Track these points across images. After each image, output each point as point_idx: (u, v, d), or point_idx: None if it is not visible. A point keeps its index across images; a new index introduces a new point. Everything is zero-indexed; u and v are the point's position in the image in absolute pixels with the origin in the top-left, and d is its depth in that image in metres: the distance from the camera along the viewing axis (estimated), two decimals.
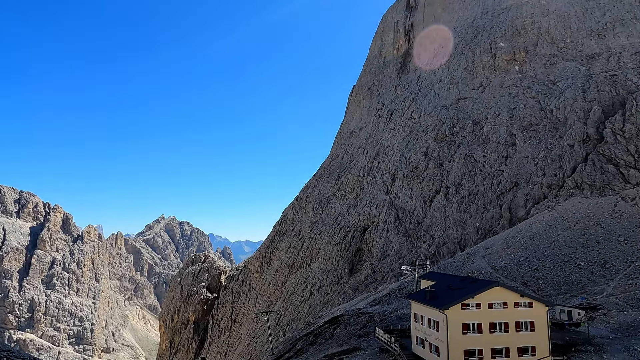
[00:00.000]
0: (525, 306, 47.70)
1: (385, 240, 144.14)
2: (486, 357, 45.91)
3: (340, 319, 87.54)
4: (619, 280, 75.73)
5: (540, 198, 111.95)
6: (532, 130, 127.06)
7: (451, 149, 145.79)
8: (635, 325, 60.15)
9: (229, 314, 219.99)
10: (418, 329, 51.71)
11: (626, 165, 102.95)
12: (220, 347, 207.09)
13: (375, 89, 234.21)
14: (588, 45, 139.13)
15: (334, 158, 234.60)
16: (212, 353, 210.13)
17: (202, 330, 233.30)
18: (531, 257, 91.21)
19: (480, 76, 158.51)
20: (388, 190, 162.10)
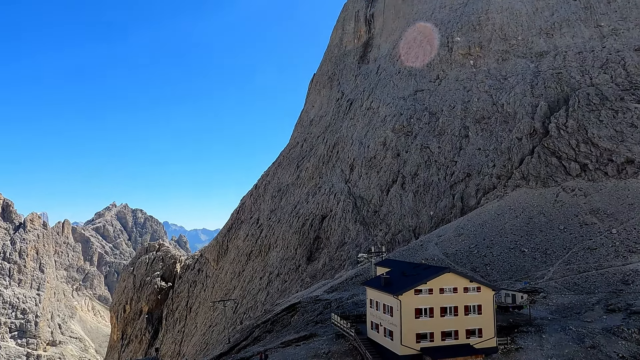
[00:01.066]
0: (473, 291, 50.09)
1: (343, 229, 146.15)
2: (437, 339, 47.95)
3: (298, 306, 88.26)
4: (558, 265, 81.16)
5: (490, 188, 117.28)
6: (484, 123, 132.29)
7: (408, 139, 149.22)
8: (571, 306, 64.89)
9: (184, 303, 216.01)
10: (373, 315, 53.08)
11: (568, 158, 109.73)
12: (175, 336, 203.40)
13: (335, 78, 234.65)
14: (537, 43, 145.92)
15: (293, 146, 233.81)
16: (167, 343, 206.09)
17: (156, 320, 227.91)
18: (480, 244, 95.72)
19: (437, 69, 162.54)
20: (347, 179, 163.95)
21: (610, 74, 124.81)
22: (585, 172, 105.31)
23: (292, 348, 56.75)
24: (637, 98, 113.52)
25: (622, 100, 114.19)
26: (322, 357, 52.10)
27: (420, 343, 47.42)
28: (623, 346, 49.65)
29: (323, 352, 53.25)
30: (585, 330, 53.64)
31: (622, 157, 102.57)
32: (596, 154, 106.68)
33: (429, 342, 47.60)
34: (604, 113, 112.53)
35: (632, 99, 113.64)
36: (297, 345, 57.57)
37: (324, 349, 54.03)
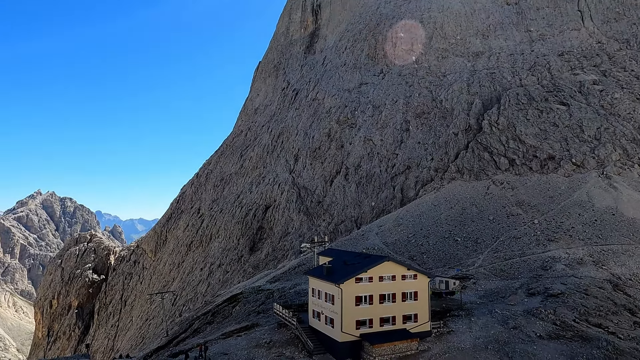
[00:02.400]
0: (411, 278, 52.37)
1: (286, 219, 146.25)
2: (375, 325, 49.70)
3: (240, 296, 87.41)
4: (487, 253, 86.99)
5: (428, 180, 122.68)
6: (424, 117, 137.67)
7: (352, 131, 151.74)
8: (497, 291, 69.96)
9: (118, 296, 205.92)
10: (315, 303, 53.86)
11: (498, 154, 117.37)
12: (109, 331, 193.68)
13: (281, 67, 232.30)
14: (474, 44, 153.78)
15: (237, 135, 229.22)
16: (99, 339, 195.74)
17: (87, 315, 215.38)
18: (418, 234, 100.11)
19: (381, 63, 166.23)
20: (291, 169, 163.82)
21: (537, 76, 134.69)
22: (513, 167, 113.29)
23: (234, 339, 56.21)
24: (559, 99, 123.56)
25: (547, 101, 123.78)
26: (264, 346, 52.12)
27: (360, 329, 48.89)
28: (540, 326, 54.42)
29: (265, 341, 53.28)
30: (509, 312, 58.12)
31: (545, 153, 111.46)
32: (523, 150, 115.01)
33: (368, 328, 49.22)
34: (531, 112, 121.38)
35: (555, 100, 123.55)
36: (238, 336, 57.08)
37: (266, 338, 54.07)
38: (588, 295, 63.00)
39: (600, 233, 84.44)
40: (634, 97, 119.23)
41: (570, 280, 68.57)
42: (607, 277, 70.75)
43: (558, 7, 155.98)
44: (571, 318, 56.73)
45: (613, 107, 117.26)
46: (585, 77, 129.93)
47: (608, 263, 75.64)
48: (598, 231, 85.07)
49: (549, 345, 50.22)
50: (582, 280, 68.19)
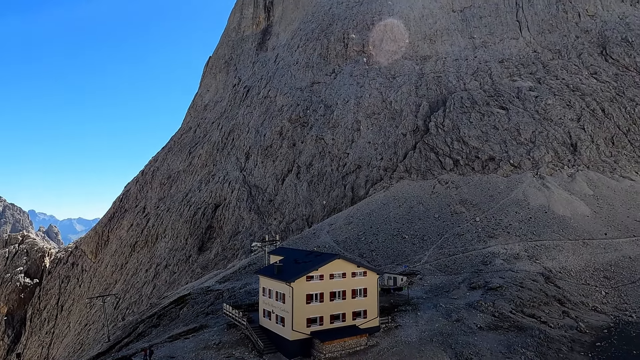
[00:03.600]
0: (360, 275, 53.35)
1: (237, 218, 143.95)
2: (326, 322, 50.16)
3: (188, 297, 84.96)
4: (432, 250, 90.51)
5: (377, 179, 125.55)
6: (374, 118, 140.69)
7: (304, 130, 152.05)
8: (442, 286, 73.03)
9: (54, 301, 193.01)
10: (266, 303, 53.47)
11: (443, 154, 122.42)
12: (43, 339, 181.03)
13: (232, 62, 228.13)
14: (422, 48, 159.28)
15: (185, 131, 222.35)
16: (32, 347, 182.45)
17: (18, 322, 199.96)
18: (368, 231, 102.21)
19: (333, 63, 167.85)
20: (242, 167, 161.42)
21: (480, 81, 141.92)
22: (457, 167, 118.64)
23: (181, 341, 54.53)
24: (499, 104, 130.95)
25: (488, 105, 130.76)
26: (213, 348, 51.00)
27: (310, 327, 49.13)
28: (481, 318, 57.48)
29: (214, 342, 52.15)
30: (452, 306, 60.87)
31: (486, 154, 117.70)
32: (466, 151, 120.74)
33: (318, 326, 49.57)
34: (474, 115, 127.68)
35: (496, 105, 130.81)
36: (185, 338, 55.46)
37: (215, 339, 52.95)
38: (523, 287, 67.31)
39: (534, 229, 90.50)
40: (565, 103, 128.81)
41: (508, 274, 72.92)
42: (540, 271, 75.98)
43: (499, 17, 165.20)
44: (508, 309, 60.39)
45: (546, 112, 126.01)
46: (523, 83, 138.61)
47: (541, 257, 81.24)
48: (532, 228, 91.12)
49: (488, 335, 53.14)
50: (518, 274, 72.74)
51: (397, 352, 48.95)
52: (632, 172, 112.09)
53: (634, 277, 76.14)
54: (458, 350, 49.18)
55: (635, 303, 69.27)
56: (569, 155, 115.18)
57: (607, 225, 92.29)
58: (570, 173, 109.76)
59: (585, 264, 79.56)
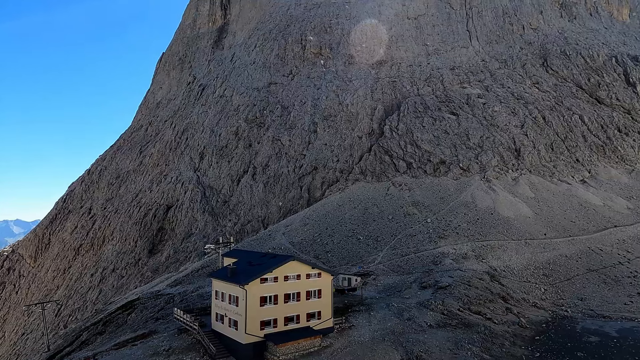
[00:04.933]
0: (315, 277, 53.56)
1: (190, 219, 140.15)
2: (280, 325, 49.92)
3: (136, 303, 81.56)
4: (386, 250, 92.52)
5: (333, 181, 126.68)
6: (331, 120, 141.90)
7: (260, 130, 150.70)
8: (394, 286, 74.78)
9: None
10: (218, 306, 52.41)
11: (397, 157, 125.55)
12: None
13: (187, 60, 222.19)
14: (378, 53, 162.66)
15: (136, 129, 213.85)
16: None
17: None
18: (323, 233, 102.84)
19: (290, 64, 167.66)
20: (196, 167, 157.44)
21: (432, 87, 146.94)
22: (410, 170, 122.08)
23: (128, 349, 52.26)
24: (450, 110, 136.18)
25: (440, 110, 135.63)
26: (162, 354, 49.29)
27: (264, 330, 48.71)
28: (431, 316, 59.41)
29: (163, 349, 50.42)
30: (404, 305, 62.49)
31: (437, 158, 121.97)
32: (419, 154, 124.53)
33: (272, 328, 49.24)
34: (426, 120, 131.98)
35: (447, 110, 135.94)
36: (133, 345, 53.21)
37: (165, 345, 51.21)
38: (470, 286, 70.30)
39: (481, 230, 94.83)
40: (510, 110, 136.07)
41: (456, 273, 75.87)
42: (486, 270, 79.69)
43: (450, 26, 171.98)
44: (456, 307, 62.83)
45: (493, 118, 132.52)
46: (472, 90, 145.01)
47: (487, 257, 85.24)
48: (479, 229, 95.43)
49: (438, 333, 55.02)
50: (466, 273, 75.89)
51: (350, 352, 49.55)
52: (568, 176, 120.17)
53: (569, 274, 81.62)
54: (409, 348, 50.53)
55: (571, 299, 74.29)
56: (513, 160, 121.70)
57: (546, 226, 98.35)
58: (514, 177, 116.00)
59: (526, 263, 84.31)
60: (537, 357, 51.68)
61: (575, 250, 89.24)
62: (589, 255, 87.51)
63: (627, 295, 75.42)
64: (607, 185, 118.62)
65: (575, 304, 72.51)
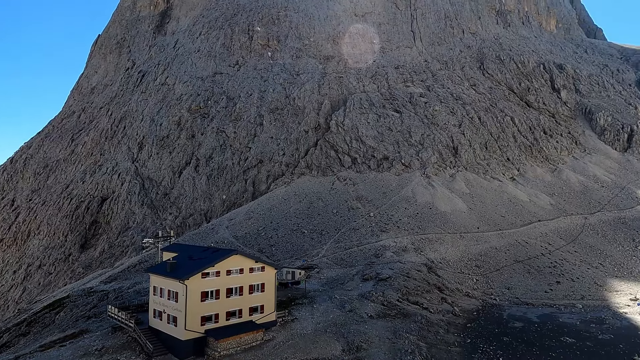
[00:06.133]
0: (258, 271, 53.15)
1: (127, 212, 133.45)
2: (222, 320, 49.05)
3: (66, 300, 76.54)
4: (330, 244, 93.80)
5: (279, 175, 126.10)
6: (277, 113, 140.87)
7: (204, 121, 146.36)
8: (337, 278, 76.11)
9: None
10: (157, 302, 50.50)
11: (342, 152, 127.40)
12: None
13: (125, 44, 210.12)
14: (325, 48, 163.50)
15: (68, 115, 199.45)
16: None
17: None
18: (268, 226, 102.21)
19: (237, 54, 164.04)
20: (134, 158, 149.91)
21: (377, 84, 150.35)
22: (355, 165, 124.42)
23: (55, 350, 48.90)
24: (394, 107, 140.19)
25: (384, 107, 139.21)
26: (94, 354, 46.65)
27: (205, 325, 47.65)
28: (372, 307, 61.18)
29: (95, 348, 47.74)
30: (346, 297, 63.82)
31: (381, 154, 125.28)
32: (363, 150, 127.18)
33: (214, 324, 48.29)
34: (371, 117, 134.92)
35: (391, 107, 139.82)
36: (61, 346, 49.88)
37: (97, 345, 48.50)
38: (409, 277, 73.21)
39: (420, 224, 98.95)
40: (449, 110, 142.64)
41: (397, 265, 78.66)
42: (424, 262, 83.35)
43: (396, 26, 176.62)
44: (395, 298, 65.19)
45: (434, 117, 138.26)
46: (415, 89, 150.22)
47: (425, 249, 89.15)
48: (419, 222, 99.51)
49: (378, 323, 56.81)
50: (405, 265, 78.90)
51: (292, 345, 49.84)
52: (500, 174, 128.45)
53: (498, 265, 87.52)
54: (350, 339, 51.73)
55: (499, 288, 79.74)
56: (451, 157, 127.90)
57: (479, 220, 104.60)
58: (451, 173, 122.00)
59: (461, 255, 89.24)
60: (469, 343, 54.98)
61: (504, 242, 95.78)
62: (516, 248, 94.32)
63: (548, 283, 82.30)
64: (533, 183, 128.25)
65: (503, 292, 77.93)
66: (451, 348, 52.97)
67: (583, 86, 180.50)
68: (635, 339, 56.50)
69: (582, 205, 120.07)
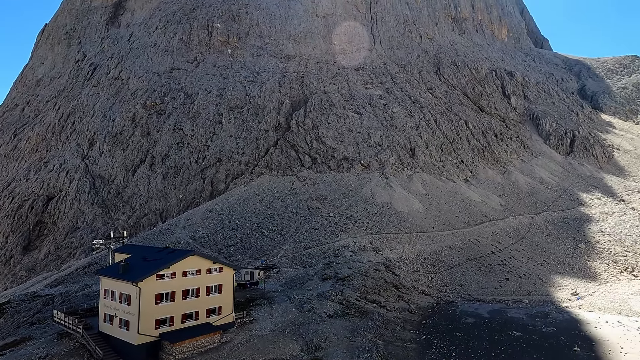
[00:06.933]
0: (216, 272, 52.17)
1: (76, 212, 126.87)
2: (177, 323, 47.72)
3: (6, 306, 71.64)
4: (289, 244, 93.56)
5: (238, 174, 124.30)
6: (237, 111, 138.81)
7: (161, 118, 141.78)
8: (296, 278, 76.05)
9: None
10: (107, 306, 48.38)
11: (303, 152, 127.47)
12: None
13: (75, 35, 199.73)
14: (286, 47, 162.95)
15: (10, 108, 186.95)
16: None
17: None
18: (226, 227, 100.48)
19: (195, 50, 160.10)
20: (84, 155, 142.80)
21: (338, 85, 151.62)
22: (315, 165, 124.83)
23: None
24: (354, 108, 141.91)
25: (344, 108, 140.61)
26: None
27: (159, 329, 46.21)
28: (330, 307, 61.61)
29: (39, 356, 45.07)
30: (305, 297, 63.90)
31: (341, 154, 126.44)
32: (324, 150, 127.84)
33: (169, 327, 46.93)
34: (332, 117, 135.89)
35: (351, 109, 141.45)
36: (1, 355, 46.68)
37: (41, 352, 45.78)
38: (367, 276, 74.36)
39: (379, 224, 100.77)
40: (407, 113, 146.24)
41: (355, 264, 79.68)
42: (382, 261, 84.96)
43: (357, 28, 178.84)
44: (354, 297, 66.02)
45: (392, 119, 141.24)
46: (374, 92, 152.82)
47: (383, 249, 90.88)
48: (377, 222, 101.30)
49: (336, 322, 57.29)
50: (364, 264, 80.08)
51: (250, 346, 49.30)
52: (454, 175, 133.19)
53: (452, 263, 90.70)
54: (308, 339, 51.85)
55: (452, 285, 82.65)
56: (409, 158, 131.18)
57: (434, 220, 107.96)
58: (408, 174, 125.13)
59: (417, 254, 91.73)
60: (424, 339, 56.60)
61: (458, 241, 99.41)
62: (469, 246, 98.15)
63: (497, 280, 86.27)
64: (484, 184, 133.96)
65: (456, 289, 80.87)
66: (407, 345, 54.30)
67: (531, 93, 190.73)
68: (575, 331, 60.35)
69: (529, 205, 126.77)
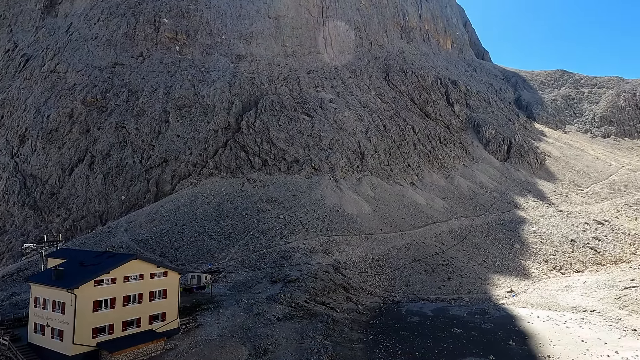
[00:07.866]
0: (160, 276, 50.15)
1: (3, 213, 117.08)
2: (117, 330, 45.32)
3: None
4: (238, 247, 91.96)
5: (185, 175, 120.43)
6: (185, 111, 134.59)
7: (102, 115, 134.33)
8: (245, 282, 74.85)
9: None
10: (38, 315, 44.97)
11: (253, 153, 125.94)
12: None
13: (6, 23, 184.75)
14: (237, 47, 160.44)
15: None
16: None
17: None
18: (172, 229, 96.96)
19: (141, 46, 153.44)
20: (14, 152, 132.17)
21: (289, 87, 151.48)
22: (265, 167, 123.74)
23: None
24: (305, 111, 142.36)
25: (296, 110, 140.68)
26: None
27: (97, 338, 43.63)
28: (279, 309, 61.20)
29: None
30: (254, 300, 63.02)
31: (291, 156, 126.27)
32: (274, 152, 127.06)
33: (107, 335, 44.45)
34: (282, 119, 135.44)
35: (302, 111, 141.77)
36: None
37: None
38: (317, 278, 74.70)
39: (328, 226, 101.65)
40: (357, 117, 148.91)
41: (305, 267, 79.76)
42: (331, 263, 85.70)
43: (308, 31, 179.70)
44: (303, 299, 66.04)
45: (343, 123, 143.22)
46: (325, 95, 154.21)
47: (332, 251, 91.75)
48: (327, 224, 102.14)
49: (285, 325, 56.98)
50: (313, 267, 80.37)
51: (196, 353, 47.82)
52: (402, 178, 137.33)
53: (399, 264, 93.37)
54: (257, 343, 51.14)
55: (399, 285, 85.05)
56: (358, 162, 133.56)
57: (382, 222, 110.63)
58: (358, 177, 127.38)
59: (365, 255, 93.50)
60: (371, 339, 57.70)
61: (404, 243, 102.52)
62: (414, 247, 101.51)
63: (441, 280, 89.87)
64: (429, 188, 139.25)
65: (402, 289, 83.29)
66: (355, 345, 55.08)
67: (472, 101, 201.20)
68: (510, 327, 64.17)
69: (470, 208, 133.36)
